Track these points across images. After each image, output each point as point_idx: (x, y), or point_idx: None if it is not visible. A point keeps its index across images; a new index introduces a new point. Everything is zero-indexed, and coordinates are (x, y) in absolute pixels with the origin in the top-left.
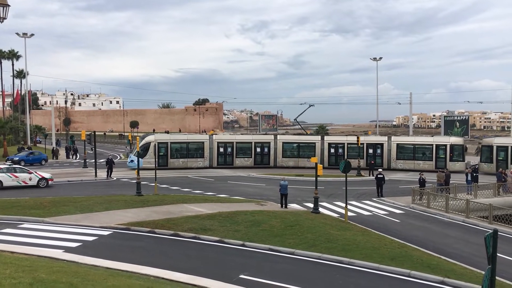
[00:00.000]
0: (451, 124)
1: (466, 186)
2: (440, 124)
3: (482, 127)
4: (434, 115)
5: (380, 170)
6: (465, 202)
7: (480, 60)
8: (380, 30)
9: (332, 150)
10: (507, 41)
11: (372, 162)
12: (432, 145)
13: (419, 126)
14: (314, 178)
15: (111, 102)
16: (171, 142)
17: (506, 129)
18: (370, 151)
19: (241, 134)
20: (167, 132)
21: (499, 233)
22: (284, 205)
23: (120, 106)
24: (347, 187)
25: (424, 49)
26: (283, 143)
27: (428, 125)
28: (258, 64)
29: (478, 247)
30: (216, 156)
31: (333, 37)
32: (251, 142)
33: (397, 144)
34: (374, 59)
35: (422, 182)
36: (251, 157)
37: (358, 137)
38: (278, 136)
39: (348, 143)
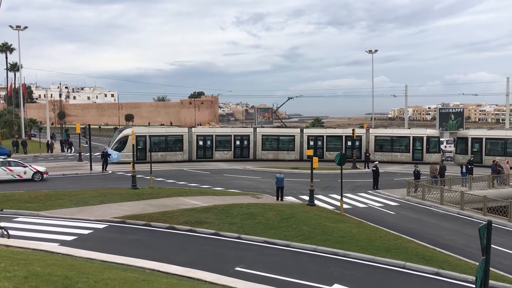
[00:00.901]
0: (446, 117)
1: (461, 178)
2: (435, 116)
3: (477, 120)
4: (429, 108)
5: (376, 163)
6: (459, 194)
7: (475, 52)
8: (375, 22)
9: (311, 143)
10: (502, 34)
11: (368, 154)
12: (409, 137)
13: (414, 118)
14: (310, 171)
15: (105, 95)
16: (150, 135)
17: (501, 121)
18: (349, 143)
19: (221, 127)
20: (162, 125)
21: (493, 224)
22: (280, 198)
23: (115, 100)
24: (342, 179)
25: (420, 42)
26: (263, 136)
27: (423, 118)
28: (254, 57)
29: (473, 238)
30: (195, 149)
31: (328, 29)
32: (230, 135)
33: (375, 137)
34: (370, 51)
35: (417, 175)
36: (231, 150)
37: (353, 130)
38: (257, 129)
39: (327, 136)
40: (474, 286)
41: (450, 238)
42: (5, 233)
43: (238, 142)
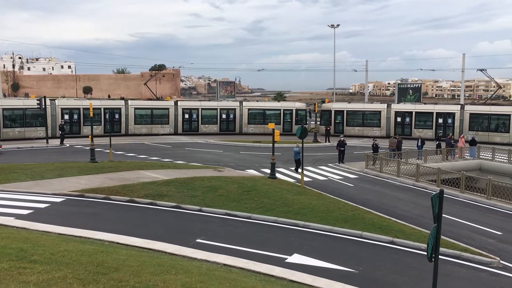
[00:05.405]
0: (404, 92)
1: (417, 151)
2: (394, 91)
3: (434, 95)
4: (389, 83)
5: (342, 135)
6: (415, 166)
7: (434, 29)
8: None
9: (186, 116)
10: (460, 11)
11: (328, 128)
12: (280, 109)
13: (375, 94)
14: (271, 145)
15: (62, 66)
16: (3, 108)
17: (456, 97)
18: (224, 116)
19: (91, 99)
20: (122, 99)
21: (446, 195)
22: (296, 170)
23: (72, 71)
24: (303, 153)
25: (382, 18)
26: (135, 109)
27: (383, 93)
28: (217, 29)
29: (426, 209)
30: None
31: (292, 3)
32: (100, 108)
33: (248, 110)
34: (332, 26)
35: (375, 148)
36: (101, 125)
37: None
38: (129, 101)
39: (202, 109)
40: (426, 253)
41: (405, 209)
42: None
43: (108, 116)
